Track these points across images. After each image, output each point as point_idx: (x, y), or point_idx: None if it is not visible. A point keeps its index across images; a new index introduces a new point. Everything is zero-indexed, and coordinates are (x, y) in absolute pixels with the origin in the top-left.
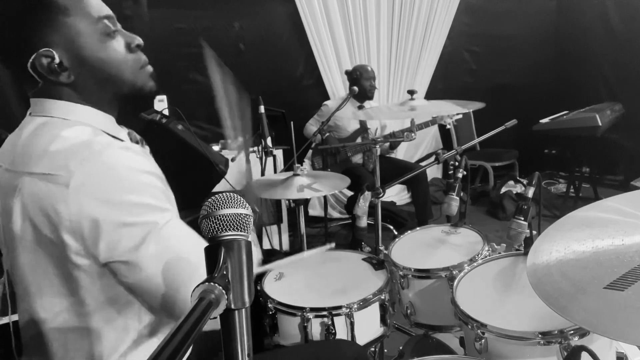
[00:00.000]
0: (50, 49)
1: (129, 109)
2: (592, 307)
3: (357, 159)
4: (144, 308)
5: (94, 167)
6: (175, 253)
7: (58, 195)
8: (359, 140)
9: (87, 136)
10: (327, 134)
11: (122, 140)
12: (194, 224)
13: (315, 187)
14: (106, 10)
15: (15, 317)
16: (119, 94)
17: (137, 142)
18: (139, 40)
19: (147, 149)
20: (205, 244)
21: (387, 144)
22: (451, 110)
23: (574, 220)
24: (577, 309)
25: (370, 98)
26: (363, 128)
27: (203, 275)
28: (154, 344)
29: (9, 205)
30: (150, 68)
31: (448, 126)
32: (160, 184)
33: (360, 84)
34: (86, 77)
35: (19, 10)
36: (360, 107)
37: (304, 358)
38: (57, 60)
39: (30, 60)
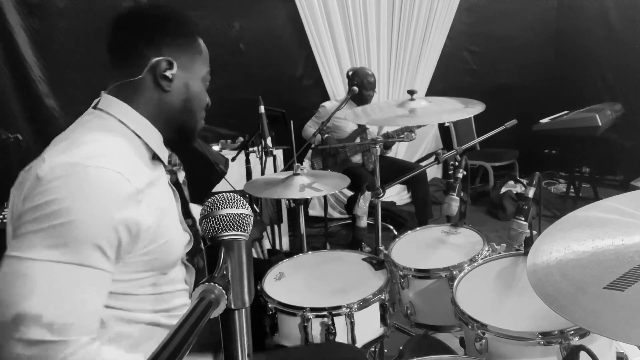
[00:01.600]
0: (174, 61)
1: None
2: (592, 307)
3: (357, 159)
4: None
5: (31, 184)
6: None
7: (33, 186)
8: (358, 140)
9: (89, 155)
10: (327, 135)
11: (160, 160)
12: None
13: (316, 187)
14: (209, 68)
15: None
16: (183, 126)
17: (174, 165)
18: (209, 102)
19: (182, 174)
20: None
21: (380, 144)
22: (451, 117)
23: (573, 220)
24: (577, 309)
25: (367, 103)
26: (362, 128)
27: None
28: (153, 345)
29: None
30: (203, 122)
31: (447, 123)
32: (108, 235)
33: (360, 93)
34: (178, 97)
35: (178, 23)
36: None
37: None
38: (173, 71)
39: (157, 58)
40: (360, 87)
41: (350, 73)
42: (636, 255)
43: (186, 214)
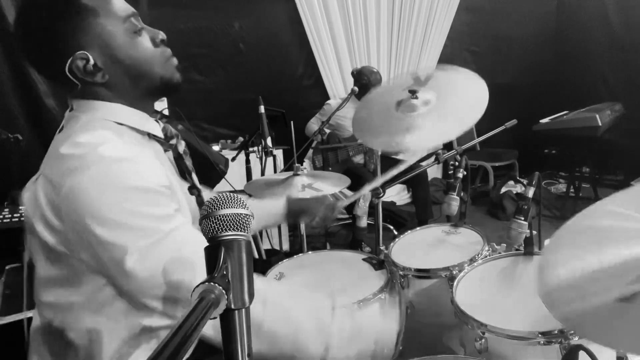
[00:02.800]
0: (85, 52)
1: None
2: (605, 322)
3: (359, 159)
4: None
5: (81, 181)
6: (166, 267)
7: (51, 199)
8: (359, 140)
9: (94, 145)
10: (329, 132)
11: (155, 136)
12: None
13: (318, 187)
14: (131, 9)
15: (30, 314)
16: (151, 89)
17: (172, 137)
18: (162, 35)
19: (182, 144)
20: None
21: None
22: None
23: (574, 229)
24: (599, 327)
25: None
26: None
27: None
28: (154, 344)
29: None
30: (175, 60)
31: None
32: (156, 198)
33: (368, 90)
34: (120, 75)
35: (51, 17)
36: None
37: None
38: (92, 61)
39: (67, 64)
40: (368, 84)
41: (355, 72)
42: None
43: (192, 184)
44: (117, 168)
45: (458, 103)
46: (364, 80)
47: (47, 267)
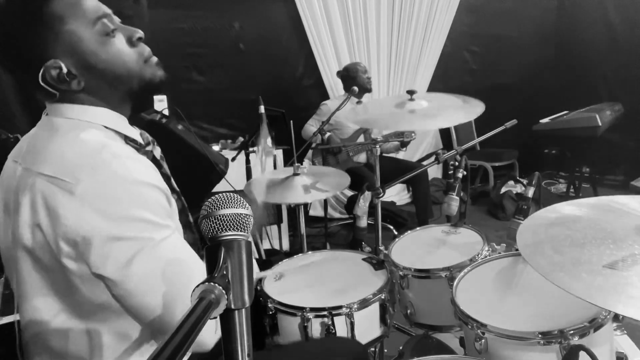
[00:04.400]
0: (57, 60)
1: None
2: (592, 282)
3: (361, 158)
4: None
5: (101, 178)
6: (170, 271)
7: (62, 199)
8: (360, 139)
9: (99, 144)
10: (329, 134)
11: (134, 141)
12: (194, 224)
13: (321, 187)
14: (102, 9)
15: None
16: (131, 91)
17: (148, 143)
18: (139, 33)
19: (158, 150)
20: (203, 264)
21: (397, 143)
22: (453, 121)
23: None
24: (578, 283)
25: (370, 91)
26: (364, 127)
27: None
28: (153, 345)
29: (19, 202)
30: (155, 58)
31: (454, 135)
32: (163, 199)
33: (358, 81)
34: (96, 81)
35: (19, 26)
36: (359, 103)
37: (303, 356)
38: (64, 69)
39: (40, 73)
40: (357, 76)
41: (342, 70)
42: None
43: (171, 188)
44: (132, 165)
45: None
46: (351, 73)
47: (43, 279)
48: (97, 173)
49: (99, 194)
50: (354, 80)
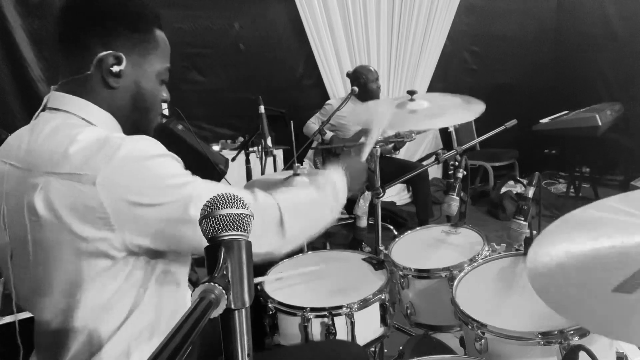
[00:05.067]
0: (123, 56)
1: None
2: (602, 311)
3: None
4: (148, 311)
5: (117, 163)
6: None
7: (87, 193)
8: (362, 140)
9: (102, 134)
10: (332, 134)
11: None
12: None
13: None
14: (168, 64)
15: (21, 316)
16: (136, 123)
17: None
18: (168, 97)
19: None
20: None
21: (391, 145)
22: (453, 121)
23: (571, 221)
24: (586, 313)
25: (377, 98)
26: (366, 128)
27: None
28: (154, 344)
29: (28, 202)
30: (163, 106)
31: (450, 128)
32: (175, 161)
33: (368, 87)
34: (128, 94)
35: (129, 15)
36: None
37: (303, 358)
38: (122, 67)
39: (104, 52)
40: (367, 82)
41: (351, 73)
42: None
43: None
44: (141, 143)
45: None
46: (361, 80)
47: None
48: (113, 158)
49: (120, 178)
50: (364, 86)
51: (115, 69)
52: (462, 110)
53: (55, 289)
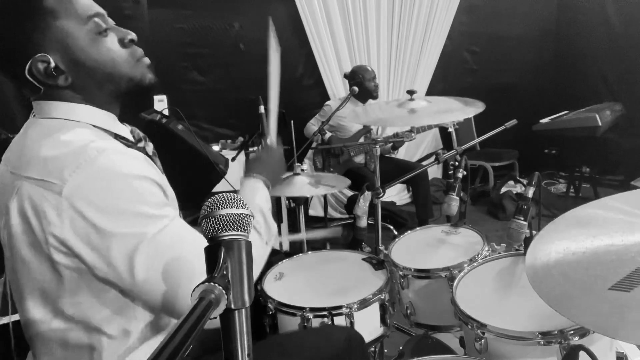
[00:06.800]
0: (45, 54)
1: (130, 105)
2: (599, 309)
3: (360, 159)
4: (142, 308)
5: (87, 176)
6: (171, 256)
7: (51, 201)
8: (361, 140)
9: (84, 141)
10: (331, 134)
11: (124, 138)
12: (194, 224)
13: (328, 183)
14: (96, 9)
15: (15, 317)
16: (119, 91)
17: (139, 140)
18: (132, 35)
19: (150, 146)
20: (204, 240)
21: (390, 145)
22: (453, 117)
23: (571, 219)
24: (583, 310)
25: (375, 98)
26: (366, 128)
27: (203, 273)
28: (154, 344)
29: (7, 206)
30: (147, 60)
31: (450, 129)
32: (156, 188)
33: (365, 86)
34: (84, 78)
35: (10, 19)
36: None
37: (299, 344)
38: (52, 64)
39: (27, 66)
40: (363, 81)
41: (348, 73)
42: (638, 255)
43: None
44: (119, 159)
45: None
46: (358, 79)
47: (40, 280)
48: (82, 171)
49: (86, 192)
50: (361, 85)
51: (51, 69)
52: (463, 107)
53: (29, 294)
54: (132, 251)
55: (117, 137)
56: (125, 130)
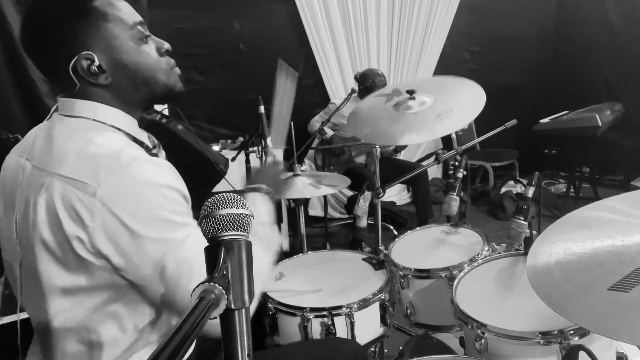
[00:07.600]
0: (91, 52)
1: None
2: (597, 309)
3: (361, 159)
4: (146, 310)
5: (121, 181)
6: (198, 262)
7: (84, 201)
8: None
9: (118, 146)
10: (333, 133)
11: (142, 143)
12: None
13: (328, 183)
14: (138, 17)
15: (23, 315)
16: (153, 95)
17: (154, 146)
18: (167, 46)
19: (163, 153)
20: None
21: (392, 147)
22: (460, 124)
23: (571, 221)
24: (582, 311)
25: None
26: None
27: None
28: (154, 344)
29: (33, 201)
30: (178, 70)
31: (453, 135)
32: (181, 198)
33: (373, 92)
34: (123, 79)
35: (61, 16)
36: None
37: (303, 357)
38: (97, 63)
39: (72, 62)
40: (373, 87)
41: (359, 76)
42: (638, 255)
43: None
44: (151, 168)
45: (453, 105)
46: (367, 83)
47: (62, 275)
48: (117, 175)
49: (120, 196)
50: (370, 90)
51: (94, 67)
52: (462, 110)
53: (47, 288)
54: (162, 256)
55: (135, 141)
56: (144, 135)
